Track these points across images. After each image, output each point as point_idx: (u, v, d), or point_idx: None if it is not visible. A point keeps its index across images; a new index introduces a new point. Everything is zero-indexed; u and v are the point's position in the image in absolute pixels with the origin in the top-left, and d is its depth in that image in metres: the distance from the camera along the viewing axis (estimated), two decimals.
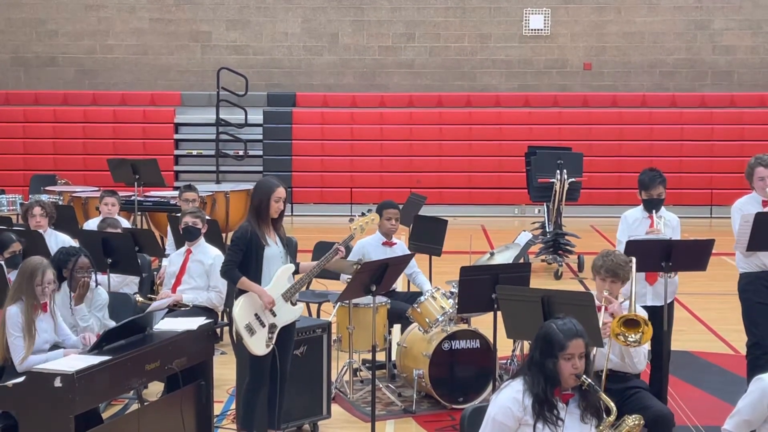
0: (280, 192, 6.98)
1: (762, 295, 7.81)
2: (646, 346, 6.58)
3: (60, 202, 13.38)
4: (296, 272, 7.15)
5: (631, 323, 6.33)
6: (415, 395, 8.22)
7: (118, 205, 10.78)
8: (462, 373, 8.19)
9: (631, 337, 6.32)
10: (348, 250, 7.45)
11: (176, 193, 13.24)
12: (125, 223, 10.83)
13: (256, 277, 6.91)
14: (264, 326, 6.90)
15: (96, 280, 7.49)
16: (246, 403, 7.03)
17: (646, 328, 6.29)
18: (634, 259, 6.82)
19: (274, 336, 6.93)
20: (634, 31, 20.28)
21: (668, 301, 7.44)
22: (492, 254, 8.97)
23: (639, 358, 6.49)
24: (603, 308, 6.48)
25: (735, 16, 20.23)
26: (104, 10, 20.48)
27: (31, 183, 16.75)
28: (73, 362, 5.93)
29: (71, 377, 5.66)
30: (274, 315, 6.94)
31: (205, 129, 19.93)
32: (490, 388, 7.95)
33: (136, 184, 13.68)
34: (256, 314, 6.89)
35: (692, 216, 17.54)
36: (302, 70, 20.58)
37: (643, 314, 6.57)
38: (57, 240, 9.39)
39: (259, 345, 6.89)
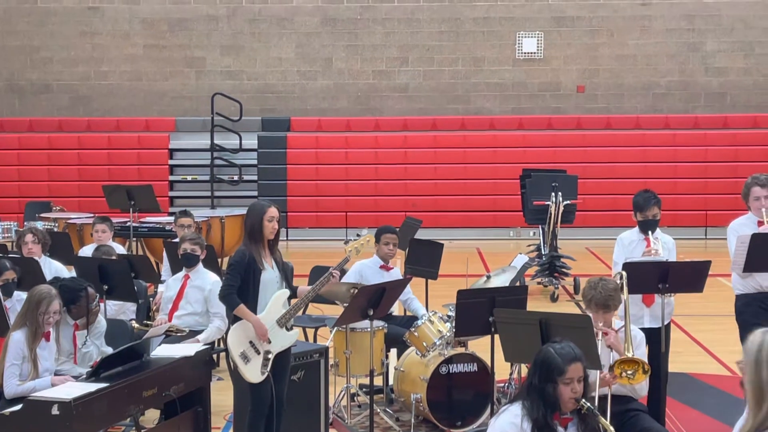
0: (272, 211, 6.95)
1: (759, 316, 7.75)
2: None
3: (55, 229, 13.36)
4: (294, 297, 7.12)
5: (628, 361, 6.36)
6: (413, 419, 8.20)
7: (109, 231, 10.64)
8: (460, 397, 8.15)
9: (629, 371, 6.33)
10: (343, 272, 7.42)
11: (171, 218, 13.24)
12: (121, 249, 10.80)
13: (253, 303, 6.87)
14: (259, 354, 6.85)
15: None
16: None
17: (639, 369, 6.29)
18: (624, 275, 6.83)
19: (270, 363, 6.89)
20: (626, 54, 20.36)
21: (665, 323, 7.44)
22: (488, 277, 8.95)
23: (640, 384, 6.49)
24: (600, 336, 6.50)
25: (727, 38, 20.31)
26: (98, 36, 20.52)
27: (25, 210, 16.73)
28: (70, 390, 5.91)
29: (69, 405, 5.65)
30: (269, 342, 6.89)
31: (200, 154, 19.96)
32: (488, 411, 7.91)
33: (131, 210, 13.68)
34: (250, 341, 6.84)
35: (687, 237, 17.58)
36: (296, 94, 20.61)
37: (641, 336, 6.60)
38: (51, 268, 9.34)
39: (254, 373, 6.84)
